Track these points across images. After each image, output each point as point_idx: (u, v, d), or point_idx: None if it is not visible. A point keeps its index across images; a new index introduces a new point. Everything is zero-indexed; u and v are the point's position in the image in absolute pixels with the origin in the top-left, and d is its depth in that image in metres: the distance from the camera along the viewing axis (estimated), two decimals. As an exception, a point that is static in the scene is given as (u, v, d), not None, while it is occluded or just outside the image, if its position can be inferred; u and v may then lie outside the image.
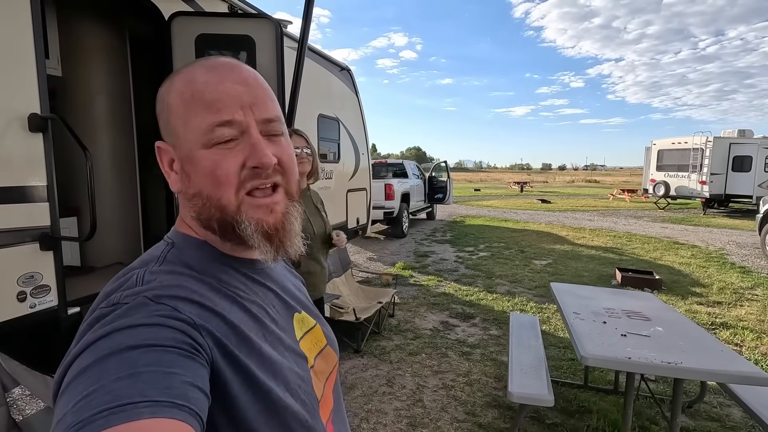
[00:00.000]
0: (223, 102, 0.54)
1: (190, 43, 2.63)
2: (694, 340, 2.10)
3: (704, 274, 6.24)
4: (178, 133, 0.56)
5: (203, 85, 0.54)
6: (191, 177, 0.56)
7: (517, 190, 27.75)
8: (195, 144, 0.54)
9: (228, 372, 0.50)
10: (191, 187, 0.56)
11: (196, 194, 0.56)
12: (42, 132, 1.97)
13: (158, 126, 0.60)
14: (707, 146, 13.92)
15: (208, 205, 0.55)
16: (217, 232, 0.57)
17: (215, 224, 0.56)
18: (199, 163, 0.54)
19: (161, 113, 0.59)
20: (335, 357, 0.76)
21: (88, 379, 0.40)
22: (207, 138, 0.54)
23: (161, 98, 0.59)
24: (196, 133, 0.54)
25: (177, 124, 0.55)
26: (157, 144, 0.59)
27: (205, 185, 0.54)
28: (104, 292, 0.53)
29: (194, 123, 0.54)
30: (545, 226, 11.09)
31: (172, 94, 0.56)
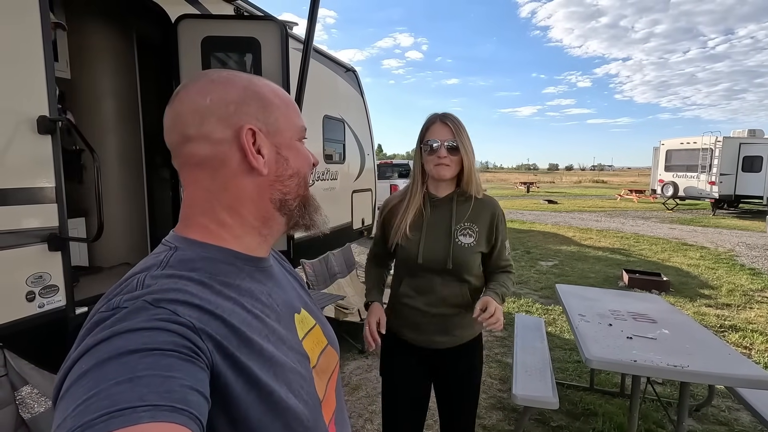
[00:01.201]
0: (301, 115, 0.70)
1: (197, 46, 2.65)
2: (701, 342, 2.08)
3: (713, 276, 6.17)
4: (282, 126, 0.64)
5: (289, 96, 0.69)
6: (290, 161, 0.65)
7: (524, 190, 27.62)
8: (294, 136, 0.67)
9: (229, 374, 0.51)
10: (289, 168, 0.65)
11: (294, 174, 0.66)
12: (50, 134, 1.99)
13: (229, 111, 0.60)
14: (717, 146, 13.76)
15: (302, 183, 0.67)
16: (296, 209, 0.67)
17: (299, 201, 0.67)
18: (299, 149, 0.67)
19: (249, 101, 0.61)
20: (336, 356, 0.77)
21: (88, 383, 0.41)
22: (300, 135, 0.68)
23: (244, 89, 0.62)
24: (295, 129, 0.67)
25: (279, 117, 0.64)
26: (249, 126, 0.60)
27: (304, 166, 0.68)
28: (105, 296, 0.54)
29: (294, 121, 0.67)
30: (551, 227, 11.02)
31: (268, 92, 0.64)
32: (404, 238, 1.46)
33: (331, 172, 5.04)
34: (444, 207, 1.48)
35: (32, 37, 1.93)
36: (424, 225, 1.46)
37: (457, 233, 1.45)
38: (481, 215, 1.47)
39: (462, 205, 1.47)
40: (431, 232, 1.46)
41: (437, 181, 1.47)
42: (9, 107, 1.86)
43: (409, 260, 1.46)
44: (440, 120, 1.43)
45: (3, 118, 1.84)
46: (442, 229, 1.46)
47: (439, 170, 1.41)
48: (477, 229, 1.45)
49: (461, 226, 1.46)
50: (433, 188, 1.49)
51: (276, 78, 2.70)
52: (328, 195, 4.96)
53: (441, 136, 1.40)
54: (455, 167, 1.43)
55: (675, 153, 15.12)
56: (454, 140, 1.40)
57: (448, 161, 1.40)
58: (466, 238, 1.45)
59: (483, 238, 1.46)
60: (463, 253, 1.43)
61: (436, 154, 1.40)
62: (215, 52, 2.72)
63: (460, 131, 1.41)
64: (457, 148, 1.40)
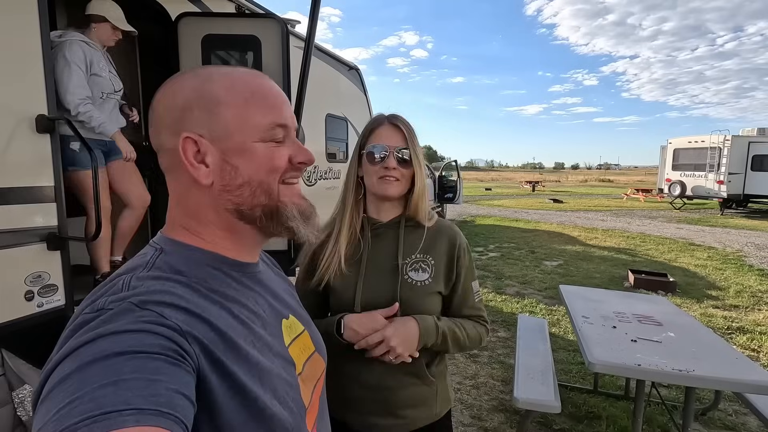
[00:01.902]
0: (281, 107, 0.61)
1: (197, 44, 2.63)
2: (708, 346, 2.04)
3: (721, 277, 6.09)
4: (229, 127, 0.58)
5: (259, 86, 0.60)
6: (240, 168, 0.58)
7: (529, 189, 27.49)
8: (251, 137, 0.58)
9: (214, 379, 0.50)
10: (238, 177, 0.58)
11: (245, 183, 0.58)
12: (49, 133, 1.99)
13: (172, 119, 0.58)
14: (725, 145, 13.60)
15: (258, 192, 0.59)
16: (260, 219, 0.60)
17: (260, 211, 0.60)
18: (255, 153, 0.58)
19: (191, 107, 0.57)
20: (323, 363, 0.76)
21: (71, 386, 0.39)
22: (266, 134, 0.59)
23: (192, 91, 0.58)
24: (255, 128, 0.58)
25: (229, 118, 0.58)
26: (186, 134, 0.56)
27: (259, 173, 0.59)
28: (89, 298, 0.52)
29: (254, 119, 0.58)
30: (557, 227, 10.95)
31: (220, 89, 0.58)
32: (337, 277, 1.08)
33: (334, 170, 5.03)
34: (388, 235, 1.12)
35: (31, 35, 1.92)
36: (363, 259, 1.09)
37: (406, 268, 1.08)
38: (437, 244, 1.12)
39: (412, 232, 1.12)
40: (372, 269, 1.09)
41: (380, 201, 1.12)
42: (7, 106, 1.85)
43: (342, 307, 1.08)
44: (389, 122, 1.10)
45: (1, 117, 1.83)
46: (387, 264, 1.09)
47: (386, 186, 1.07)
48: (432, 262, 1.10)
49: (412, 259, 1.10)
50: (374, 210, 1.14)
51: (277, 76, 2.68)
52: (330, 194, 4.94)
53: (390, 141, 1.07)
54: (405, 183, 1.09)
55: (683, 152, 14.96)
56: (407, 148, 1.07)
57: (398, 174, 1.07)
58: (419, 273, 1.09)
59: (441, 275, 1.10)
60: (415, 293, 1.07)
61: (383, 164, 1.06)
62: (216, 51, 2.71)
63: (413, 139, 1.09)
64: (409, 160, 1.07)
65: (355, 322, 1.02)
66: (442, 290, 1.11)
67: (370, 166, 1.08)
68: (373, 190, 1.10)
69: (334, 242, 1.11)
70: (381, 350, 0.98)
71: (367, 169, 1.10)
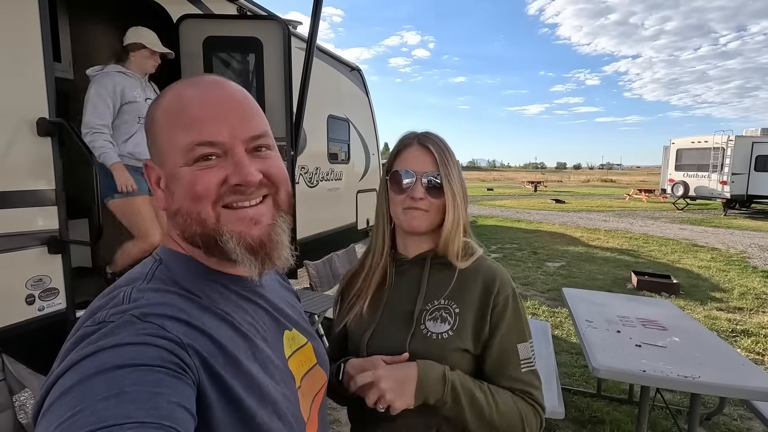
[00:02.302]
0: (206, 121, 0.54)
1: (198, 46, 2.63)
2: (713, 352, 2.01)
3: (724, 279, 6.05)
4: (163, 151, 0.56)
5: (187, 102, 0.55)
6: (174, 194, 0.56)
7: (531, 189, 27.43)
8: (177, 161, 0.54)
9: (212, 393, 0.49)
10: (173, 203, 0.56)
11: (178, 211, 0.56)
12: (50, 136, 1.98)
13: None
14: (728, 145, 13.54)
15: (189, 220, 0.55)
16: (201, 247, 0.57)
17: (198, 240, 0.56)
18: (181, 179, 0.54)
19: (149, 130, 0.58)
20: (324, 377, 0.75)
21: (73, 399, 0.39)
22: (189, 156, 0.54)
23: (149, 115, 0.58)
24: (178, 150, 0.54)
25: (162, 141, 0.56)
26: (145, 162, 0.59)
27: (185, 201, 0.55)
28: (90, 310, 0.52)
29: (177, 141, 0.54)
30: (559, 227, 10.91)
31: (158, 111, 0.56)
32: (356, 319, 0.94)
33: (336, 172, 5.02)
34: (411, 274, 0.95)
35: (32, 39, 1.91)
36: (382, 301, 0.94)
37: (425, 316, 0.89)
38: (468, 289, 0.90)
39: (441, 272, 0.93)
40: (389, 313, 0.93)
41: (407, 235, 0.95)
42: (8, 109, 1.85)
43: (351, 351, 0.95)
44: (419, 142, 0.92)
45: (2, 120, 1.83)
46: (405, 309, 0.92)
47: (411, 219, 0.90)
48: (457, 310, 0.88)
49: (434, 305, 0.90)
50: (401, 245, 0.98)
51: (278, 78, 2.67)
52: (332, 195, 4.93)
53: (418, 165, 0.90)
54: (435, 215, 0.91)
55: (686, 152, 14.90)
56: (438, 174, 0.89)
57: (425, 205, 0.89)
58: (437, 324, 0.88)
59: (467, 328, 0.87)
60: (430, 348, 0.86)
61: (409, 193, 0.89)
62: (217, 53, 2.70)
63: (447, 160, 0.90)
64: (441, 187, 0.89)
65: (352, 366, 0.86)
66: (469, 348, 0.87)
67: (395, 195, 0.92)
68: (398, 222, 0.94)
69: (363, 281, 0.97)
70: (373, 396, 0.78)
71: (392, 198, 0.93)
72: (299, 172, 4.12)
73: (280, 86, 2.67)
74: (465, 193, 0.94)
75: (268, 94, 2.66)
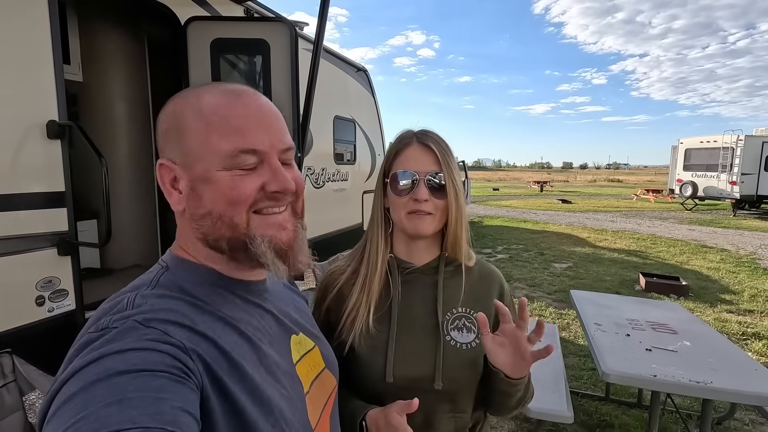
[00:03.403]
0: (250, 130, 0.56)
1: (206, 48, 2.63)
2: (725, 356, 1.99)
3: (734, 280, 5.98)
4: (193, 154, 0.56)
5: (228, 109, 0.56)
6: (203, 197, 0.56)
7: (537, 189, 27.29)
8: (214, 165, 0.55)
9: (216, 398, 0.49)
10: (202, 207, 0.56)
11: (207, 214, 0.56)
12: (60, 139, 1.99)
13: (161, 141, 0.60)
14: (738, 145, 13.38)
15: (219, 224, 0.55)
16: (226, 251, 0.57)
17: (225, 244, 0.56)
18: (217, 183, 0.55)
19: (169, 131, 0.58)
20: (334, 381, 0.75)
21: (76, 405, 0.40)
22: (229, 161, 0.55)
23: (171, 115, 0.58)
24: (218, 155, 0.55)
25: (195, 144, 0.56)
26: (160, 161, 0.58)
27: (219, 204, 0.55)
28: (94, 316, 0.52)
29: (217, 146, 0.55)
30: (565, 228, 10.84)
31: (189, 114, 0.56)
32: (363, 338, 0.85)
33: (342, 172, 5.02)
34: (423, 283, 0.90)
35: (42, 42, 1.93)
36: (392, 314, 0.87)
37: (447, 326, 0.86)
38: (484, 294, 0.91)
39: (451, 278, 0.90)
40: (405, 327, 0.86)
41: (411, 240, 0.90)
42: (19, 112, 1.86)
43: (368, 376, 0.85)
44: (418, 141, 0.88)
45: (13, 123, 1.84)
46: (423, 321, 0.87)
47: (417, 222, 0.85)
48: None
49: (453, 314, 0.87)
50: (404, 251, 0.92)
51: (285, 79, 2.67)
52: (338, 196, 4.94)
53: (420, 165, 0.85)
54: (441, 217, 0.87)
55: (694, 152, 14.75)
56: (441, 173, 0.85)
57: (430, 207, 0.85)
58: (462, 333, 0.86)
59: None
60: (461, 360, 0.85)
61: (412, 195, 0.85)
62: (225, 55, 2.71)
63: (448, 159, 0.87)
64: (445, 187, 0.85)
65: (374, 426, 0.77)
66: None
67: (397, 198, 0.87)
68: (402, 226, 0.88)
69: (360, 290, 0.88)
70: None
71: (393, 201, 0.88)
72: (305, 173, 4.12)
73: (287, 87, 2.67)
74: (464, 194, 0.92)
75: (275, 95, 2.67)
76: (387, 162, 0.92)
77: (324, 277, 0.97)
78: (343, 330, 0.88)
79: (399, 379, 0.83)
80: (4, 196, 1.81)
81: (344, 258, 0.99)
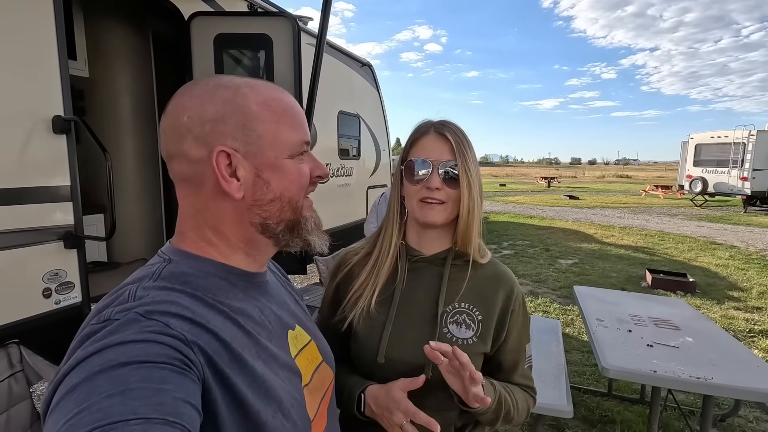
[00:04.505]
0: (304, 124, 0.63)
1: (209, 43, 2.65)
2: (727, 352, 1.97)
3: (743, 277, 5.91)
4: (263, 141, 0.58)
5: (288, 104, 0.62)
6: (272, 183, 0.59)
7: (544, 185, 27.10)
8: (282, 153, 0.59)
9: (216, 391, 0.50)
10: (270, 192, 0.59)
11: (276, 198, 0.60)
12: (65, 133, 2.02)
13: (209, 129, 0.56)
14: (750, 140, 13.17)
15: (286, 207, 0.61)
16: (281, 233, 0.62)
17: (284, 225, 0.62)
18: (287, 170, 0.60)
19: (226, 118, 0.56)
20: (331, 373, 0.76)
21: (78, 396, 0.40)
22: (294, 150, 0.61)
23: (224, 102, 0.57)
24: (286, 144, 0.60)
25: (263, 134, 0.58)
26: (220, 147, 0.56)
27: (290, 189, 0.61)
28: (96, 308, 0.53)
29: (286, 135, 0.60)
30: (572, 224, 10.77)
31: (254, 104, 0.58)
32: (363, 317, 0.89)
33: (346, 168, 5.03)
34: (429, 273, 0.91)
35: (47, 38, 1.95)
36: (394, 299, 0.89)
37: (446, 319, 0.88)
38: (492, 296, 0.90)
39: (459, 273, 0.90)
40: (404, 313, 0.89)
41: (422, 229, 0.92)
42: (25, 107, 1.89)
43: (362, 355, 0.89)
44: (435, 130, 0.88)
45: (19, 118, 1.87)
46: (423, 310, 0.89)
47: (427, 210, 0.87)
48: (480, 317, 0.88)
49: (454, 308, 0.88)
50: (415, 240, 0.94)
51: (288, 75, 2.68)
52: (342, 191, 4.95)
53: (435, 154, 0.86)
54: (453, 208, 0.87)
55: (705, 147, 14.54)
56: (455, 163, 0.85)
57: (443, 196, 0.85)
58: (461, 329, 0.87)
59: (489, 334, 0.89)
60: None
61: (425, 183, 0.86)
62: (228, 50, 2.72)
63: (464, 150, 0.86)
64: (458, 178, 0.85)
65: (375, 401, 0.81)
66: (487, 350, 0.89)
67: (410, 186, 0.88)
68: (414, 214, 0.90)
69: (370, 271, 0.91)
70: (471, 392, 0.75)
71: (407, 188, 0.89)
72: (310, 169, 4.12)
73: (291, 83, 2.68)
74: (481, 187, 0.89)
75: (278, 90, 2.67)
76: (405, 150, 0.93)
77: (339, 256, 1.01)
78: (347, 307, 0.91)
79: (390, 361, 0.86)
80: (11, 190, 1.84)
81: (361, 241, 1.02)
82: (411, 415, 0.75)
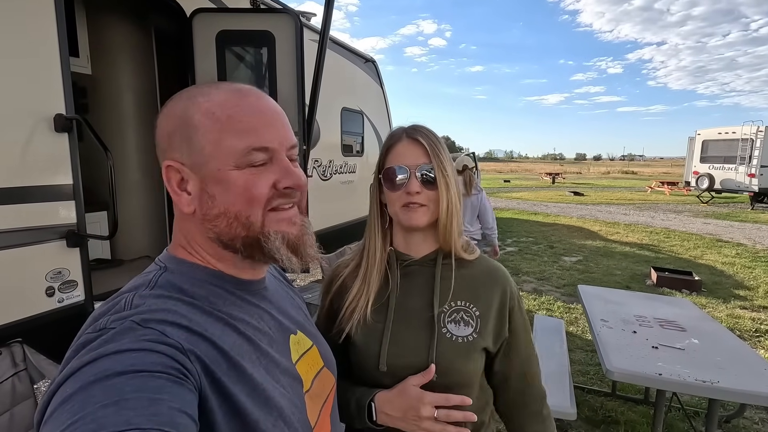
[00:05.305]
0: (260, 128, 0.57)
1: (211, 40, 2.63)
2: (734, 355, 1.95)
3: (750, 276, 5.85)
4: (205, 153, 0.55)
5: (238, 108, 0.56)
6: (216, 197, 0.56)
7: (549, 181, 26.96)
8: (226, 164, 0.55)
9: (213, 400, 0.49)
10: (215, 207, 0.56)
11: (222, 214, 0.56)
12: (67, 132, 2.02)
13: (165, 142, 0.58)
14: (758, 136, 13.02)
15: (235, 224, 0.56)
16: (240, 250, 0.58)
17: (239, 243, 0.57)
18: (231, 182, 0.55)
19: (175, 132, 0.57)
20: (332, 379, 0.75)
21: (73, 407, 0.40)
22: (242, 160, 0.55)
23: (177, 116, 0.57)
24: (230, 154, 0.55)
25: (204, 143, 0.55)
26: (167, 162, 0.57)
27: (235, 204, 0.55)
28: (92, 317, 0.52)
29: (229, 144, 0.55)
30: (577, 221, 10.71)
31: (198, 113, 0.56)
32: (360, 327, 0.89)
33: (350, 164, 5.01)
34: (421, 275, 0.92)
35: (48, 36, 1.94)
36: (390, 305, 0.90)
37: (444, 318, 0.88)
38: (487, 292, 0.91)
39: (450, 272, 0.92)
40: (401, 318, 0.89)
41: (407, 233, 0.93)
42: (26, 106, 1.89)
43: (363, 365, 0.89)
44: (408, 136, 0.90)
45: (21, 117, 1.87)
46: (419, 313, 0.89)
47: (411, 215, 0.88)
48: (478, 313, 0.89)
49: (451, 307, 0.89)
50: (402, 244, 0.95)
51: (290, 71, 2.66)
52: (346, 188, 4.94)
53: (410, 160, 0.88)
54: (435, 208, 0.89)
55: (712, 143, 14.40)
56: (431, 165, 0.87)
57: (423, 199, 0.87)
58: (460, 327, 0.87)
59: (489, 329, 0.89)
60: (456, 351, 0.86)
61: (405, 189, 0.87)
62: (230, 47, 2.70)
63: (438, 152, 0.88)
64: (435, 180, 0.87)
65: (386, 403, 0.82)
66: (489, 347, 0.89)
67: (391, 193, 0.90)
68: (398, 219, 0.91)
69: (361, 282, 0.91)
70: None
71: (388, 195, 0.91)
72: (313, 166, 4.12)
73: (293, 79, 2.66)
74: (458, 186, 0.91)
75: (281, 87, 2.66)
76: (380, 159, 0.94)
77: (330, 270, 1.01)
78: (343, 320, 0.91)
79: (392, 368, 0.86)
80: (13, 188, 1.84)
81: (351, 252, 1.02)
82: (442, 401, 0.78)
